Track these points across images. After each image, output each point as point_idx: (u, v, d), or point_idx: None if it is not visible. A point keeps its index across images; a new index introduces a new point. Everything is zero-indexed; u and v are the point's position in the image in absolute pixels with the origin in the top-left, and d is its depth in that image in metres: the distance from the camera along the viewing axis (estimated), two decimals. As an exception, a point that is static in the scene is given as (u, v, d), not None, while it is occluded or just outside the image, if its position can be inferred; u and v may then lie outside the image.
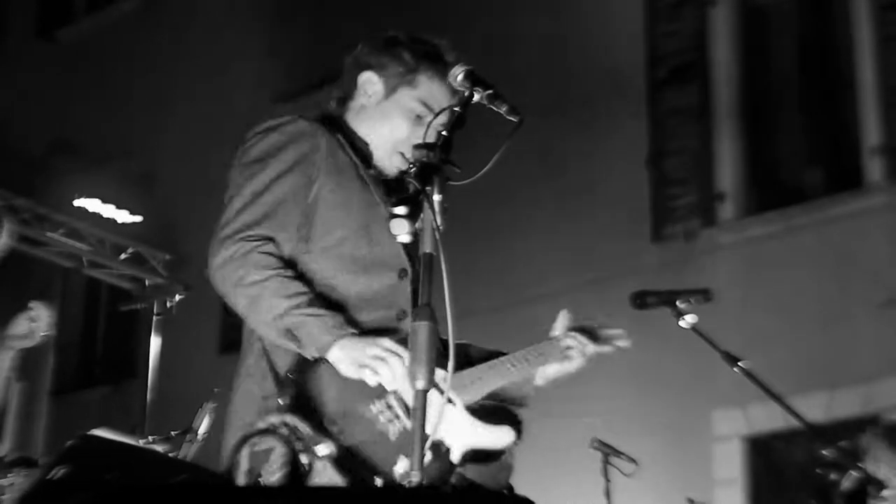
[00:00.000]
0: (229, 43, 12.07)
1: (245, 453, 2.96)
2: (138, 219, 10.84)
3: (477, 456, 3.17)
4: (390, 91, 3.37)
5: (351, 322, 3.09)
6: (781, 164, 9.22)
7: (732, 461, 8.34)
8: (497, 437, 3.22)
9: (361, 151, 3.35)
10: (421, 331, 2.58)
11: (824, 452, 4.90)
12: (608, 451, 6.80)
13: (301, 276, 3.13)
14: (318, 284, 3.15)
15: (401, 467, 2.94)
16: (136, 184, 11.84)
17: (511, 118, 2.98)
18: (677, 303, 4.38)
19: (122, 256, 10.90)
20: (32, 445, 11.77)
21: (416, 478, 2.51)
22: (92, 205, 10.57)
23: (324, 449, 2.89)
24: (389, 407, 3.02)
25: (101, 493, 2.68)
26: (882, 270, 8.06)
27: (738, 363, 4.34)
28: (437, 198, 2.68)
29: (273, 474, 2.92)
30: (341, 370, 2.99)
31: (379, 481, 2.93)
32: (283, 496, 2.44)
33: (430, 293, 2.61)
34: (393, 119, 3.37)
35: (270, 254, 3.10)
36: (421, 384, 2.56)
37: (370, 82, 3.39)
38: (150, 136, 12.37)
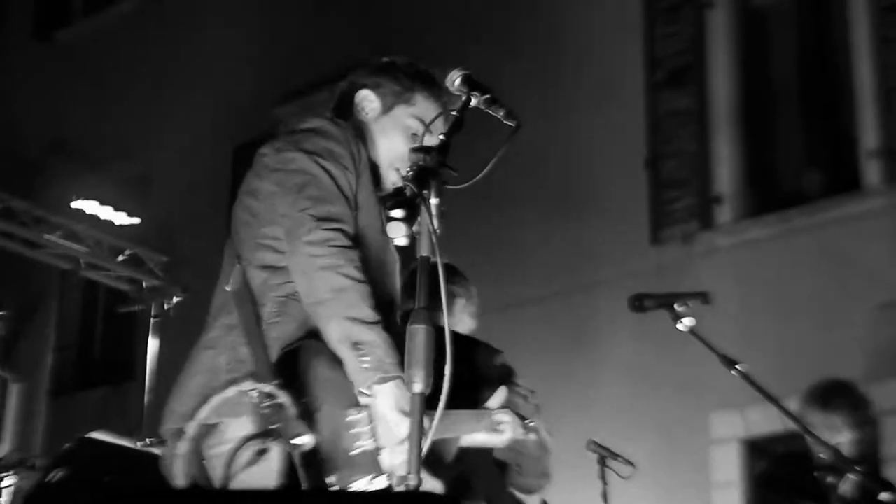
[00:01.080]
0: (227, 45, 12.07)
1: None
2: (136, 221, 10.85)
3: None
4: (387, 108, 3.41)
5: None
6: (780, 166, 9.21)
7: (730, 464, 8.33)
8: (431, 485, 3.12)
9: (374, 169, 3.35)
10: (418, 334, 2.58)
11: (822, 456, 4.90)
12: (605, 454, 6.79)
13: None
14: None
15: (361, 484, 2.88)
16: (134, 186, 11.84)
17: (508, 122, 2.99)
18: (675, 306, 4.38)
19: (120, 258, 10.90)
20: (31, 446, 11.77)
21: (413, 482, 2.51)
22: (90, 206, 10.58)
23: (305, 440, 2.84)
24: (362, 422, 2.96)
25: (99, 496, 2.68)
26: (880, 273, 8.05)
27: (736, 366, 4.33)
28: (434, 201, 2.68)
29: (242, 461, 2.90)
30: (380, 404, 2.94)
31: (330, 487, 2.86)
32: (281, 500, 2.44)
33: (426, 297, 2.61)
34: (390, 135, 3.39)
35: (359, 263, 3.06)
36: (418, 388, 2.56)
37: (367, 100, 3.42)
38: (147, 138, 12.37)
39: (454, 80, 3.03)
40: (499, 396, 3.62)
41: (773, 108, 9.35)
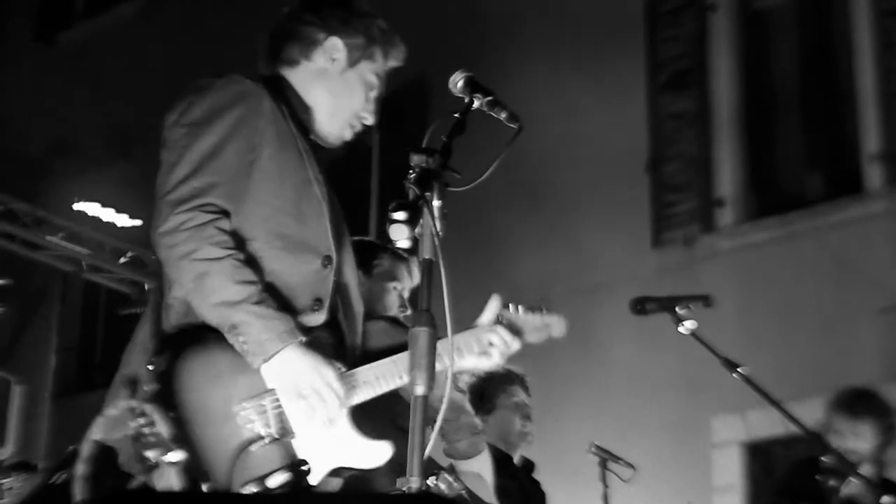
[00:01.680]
0: (227, 47, 12.06)
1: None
2: (138, 223, 10.83)
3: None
4: (353, 61, 3.32)
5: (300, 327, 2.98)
6: (781, 169, 9.21)
7: (731, 467, 8.33)
8: (371, 456, 3.04)
9: (302, 119, 3.26)
10: (421, 336, 2.57)
11: (823, 459, 4.91)
12: (606, 457, 6.77)
13: (250, 260, 3.01)
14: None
15: (275, 481, 2.81)
16: (136, 187, 11.82)
17: (510, 125, 2.99)
18: (677, 309, 4.38)
19: (122, 260, 10.90)
20: (34, 448, 11.76)
21: (415, 484, 2.50)
22: (91, 208, 10.58)
23: (175, 456, 2.76)
24: (262, 412, 2.89)
25: (103, 499, 2.68)
26: (882, 276, 8.05)
27: (738, 369, 4.34)
28: (436, 203, 2.67)
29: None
30: (275, 384, 2.89)
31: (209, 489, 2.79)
32: (283, 501, 2.44)
33: (429, 298, 2.61)
34: (355, 90, 3.32)
35: (224, 231, 2.98)
36: (420, 390, 2.55)
37: (336, 49, 3.32)
38: (149, 140, 12.35)
39: (456, 82, 3.02)
40: (491, 309, 3.41)
41: (774, 112, 9.34)
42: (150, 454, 2.80)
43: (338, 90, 3.31)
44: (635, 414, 8.51)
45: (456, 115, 2.94)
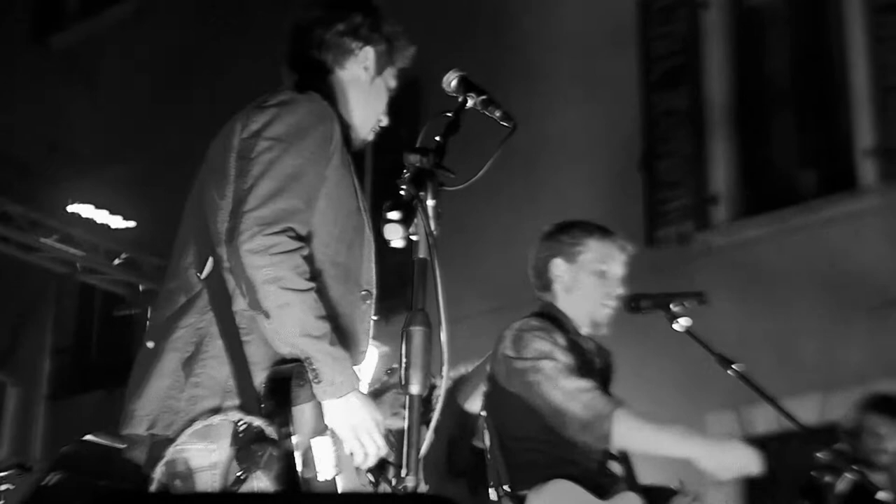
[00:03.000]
0: (221, 49, 12.06)
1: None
2: (132, 224, 10.82)
3: None
4: (381, 69, 3.33)
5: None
6: (774, 166, 9.22)
7: (727, 463, 8.32)
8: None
9: (346, 134, 3.22)
10: (416, 336, 2.57)
11: (819, 455, 4.91)
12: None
13: (324, 296, 2.98)
14: None
15: None
16: (130, 189, 11.82)
17: (504, 124, 2.99)
18: (671, 306, 4.39)
19: (116, 262, 10.88)
20: (29, 450, 11.76)
21: (412, 483, 2.50)
22: (85, 210, 10.56)
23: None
24: (323, 449, 2.91)
25: (95, 499, 2.68)
26: (875, 273, 8.06)
27: (732, 366, 4.34)
28: (430, 203, 2.67)
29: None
30: (332, 421, 2.91)
31: None
32: (280, 501, 2.44)
33: (423, 298, 2.61)
34: (381, 96, 3.34)
35: (307, 261, 2.93)
36: (415, 389, 2.56)
37: (368, 58, 3.31)
38: (143, 142, 12.35)
39: (450, 81, 3.03)
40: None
41: (767, 108, 9.35)
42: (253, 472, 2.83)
43: (370, 98, 3.30)
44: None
45: (449, 114, 2.94)
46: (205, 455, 2.88)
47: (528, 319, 4.38)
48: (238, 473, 2.83)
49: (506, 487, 4.20)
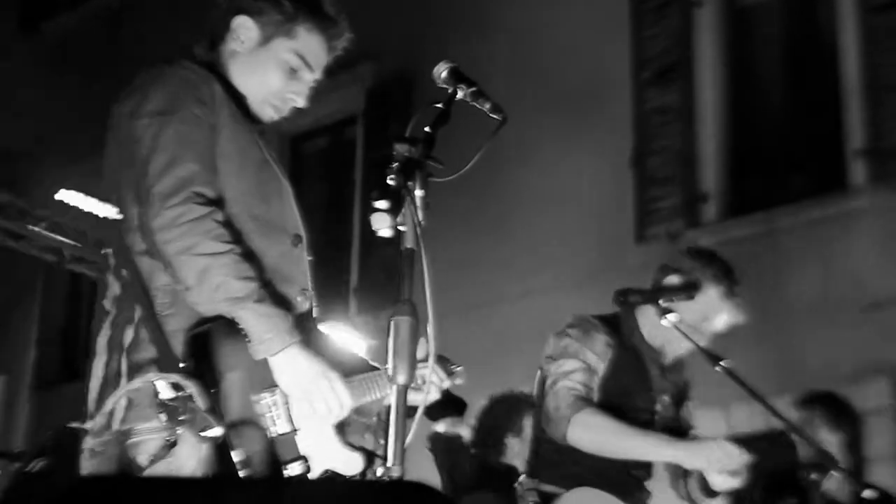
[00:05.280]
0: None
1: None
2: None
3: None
4: (266, 39, 3.27)
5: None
6: (765, 165, 9.22)
7: (713, 461, 8.33)
8: (350, 464, 3.06)
9: (241, 102, 3.22)
10: (402, 326, 2.57)
11: (805, 453, 4.91)
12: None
13: (249, 254, 2.98)
14: None
15: (294, 470, 2.84)
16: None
17: (494, 116, 2.98)
18: (660, 301, 4.39)
19: (104, 251, 10.86)
20: (15, 439, 11.75)
21: (397, 472, 2.50)
22: (74, 198, 10.53)
23: (214, 432, 2.77)
24: (274, 405, 2.89)
25: (78, 485, 2.66)
26: (865, 273, 8.06)
27: (720, 363, 4.34)
28: (418, 193, 2.66)
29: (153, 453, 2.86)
30: (279, 379, 2.89)
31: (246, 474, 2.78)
32: (261, 488, 2.43)
33: (411, 288, 2.60)
34: (267, 69, 3.26)
35: (221, 223, 2.92)
36: (401, 379, 2.55)
37: (244, 27, 3.27)
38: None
39: (441, 72, 3.02)
40: (420, 350, 3.45)
41: (759, 107, 9.36)
42: (180, 429, 2.79)
43: (246, 70, 3.25)
44: (618, 408, 8.51)
45: (439, 105, 2.93)
46: (154, 428, 2.89)
47: (577, 316, 4.48)
48: (166, 437, 2.82)
49: (530, 479, 4.28)
